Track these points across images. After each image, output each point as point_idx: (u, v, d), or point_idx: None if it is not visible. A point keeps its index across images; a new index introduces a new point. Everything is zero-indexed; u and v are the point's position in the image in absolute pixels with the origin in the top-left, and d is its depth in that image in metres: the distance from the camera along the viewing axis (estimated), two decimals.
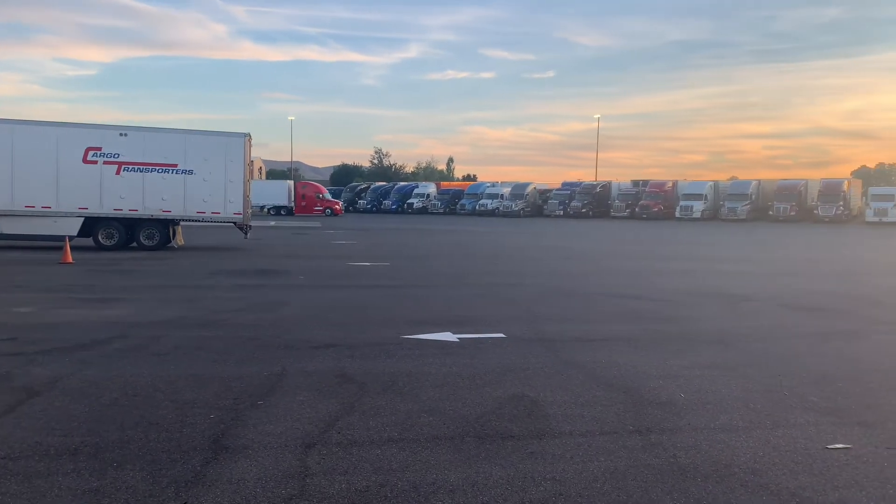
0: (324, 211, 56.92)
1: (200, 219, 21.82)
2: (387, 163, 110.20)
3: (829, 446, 4.92)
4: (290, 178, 73.31)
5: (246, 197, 21.88)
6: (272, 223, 42.56)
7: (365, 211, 68.83)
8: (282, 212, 58.35)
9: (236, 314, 10.10)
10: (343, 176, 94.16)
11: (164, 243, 21.69)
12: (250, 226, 22.70)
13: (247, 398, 5.87)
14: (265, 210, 58.41)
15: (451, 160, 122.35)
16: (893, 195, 50.46)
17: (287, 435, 5.00)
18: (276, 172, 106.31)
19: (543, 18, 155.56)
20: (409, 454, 4.66)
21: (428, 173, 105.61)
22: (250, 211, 22.88)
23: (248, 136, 22.10)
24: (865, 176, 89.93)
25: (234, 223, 22.04)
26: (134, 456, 4.54)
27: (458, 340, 8.34)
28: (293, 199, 58.28)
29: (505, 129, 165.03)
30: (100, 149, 20.74)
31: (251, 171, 23.20)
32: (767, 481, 4.30)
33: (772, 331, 9.45)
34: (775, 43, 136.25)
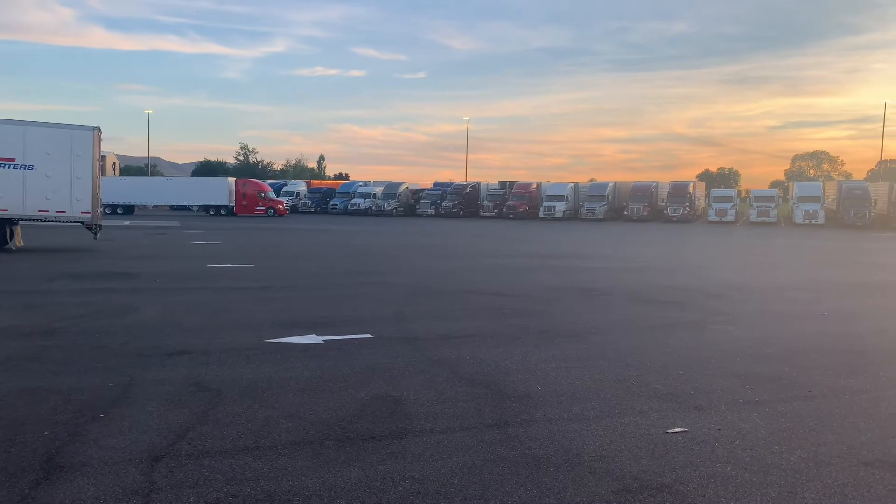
0: (266, 211, 53.31)
1: (43, 218, 20.05)
2: (253, 160, 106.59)
3: (668, 430, 5.28)
4: (155, 174, 68.18)
5: (95, 194, 20.35)
6: (127, 223, 39.89)
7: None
8: (221, 212, 54.20)
9: (80, 321, 9.35)
10: (206, 173, 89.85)
11: (1, 245, 19.72)
12: (100, 225, 21.14)
13: (88, 411, 5.43)
14: (199, 210, 54.79)
15: (322, 158, 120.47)
16: (732, 197, 55.39)
17: (132, 449, 4.68)
18: (132, 169, 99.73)
19: (414, 20, 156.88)
20: (265, 462, 4.51)
21: (298, 171, 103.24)
22: (100, 209, 21.31)
23: (97, 129, 20.57)
24: (708, 179, 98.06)
25: (82, 223, 20.45)
26: None
27: (322, 343, 8.19)
28: (234, 198, 54.48)
29: (376, 128, 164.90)
30: None
31: (102, 167, 21.57)
32: (613, 467, 4.54)
33: (623, 323, 10.04)
34: (630, 53, 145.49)
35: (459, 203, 59.21)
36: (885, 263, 21.12)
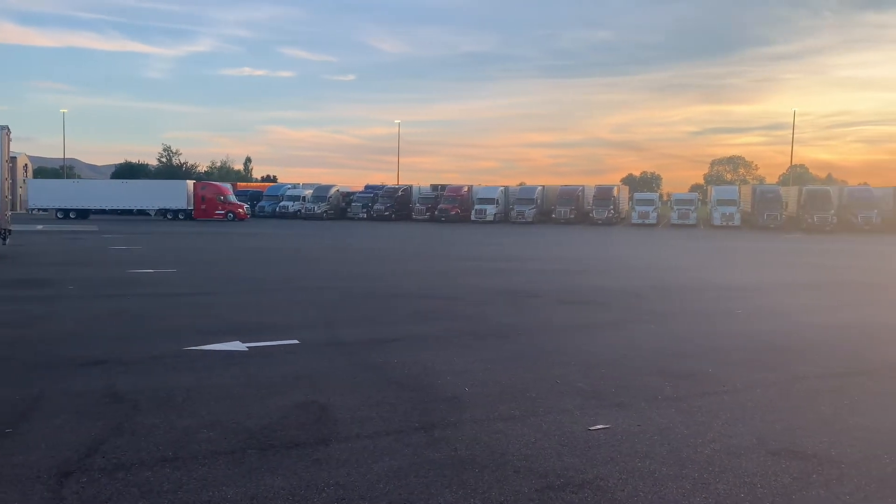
0: (226, 215, 50.81)
1: None
2: (177, 161, 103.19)
3: (591, 428, 5.41)
4: (72, 176, 64.55)
5: (5, 197, 19.27)
6: (40, 227, 37.90)
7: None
8: (180, 216, 51.68)
9: None
10: (126, 175, 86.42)
11: None
12: (10, 230, 20.02)
13: None
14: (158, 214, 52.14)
15: (248, 160, 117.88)
16: (654, 200, 57.25)
17: (40, 465, 4.44)
18: (46, 171, 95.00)
19: (343, 21, 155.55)
20: (183, 473, 4.36)
21: (223, 173, 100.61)
22: (9, 214, 20.19)
23: (5, 128, 19.48)
24: (632, 183, 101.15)
25: None
26: None
27: (246, 349, 8.00)
28: (192, 201, 51.89)
29: (306, 129, 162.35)
30: None
31: (11, 169, 20.43)
32: (537, 465, 4.62)
33: (550, 324, 10.24)
34: (557, 59, 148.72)
35: (391, 206, 59.01)
36: (796, 263, 22.28)
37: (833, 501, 4.17)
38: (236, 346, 8.16)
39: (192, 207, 51.60)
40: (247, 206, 54.09)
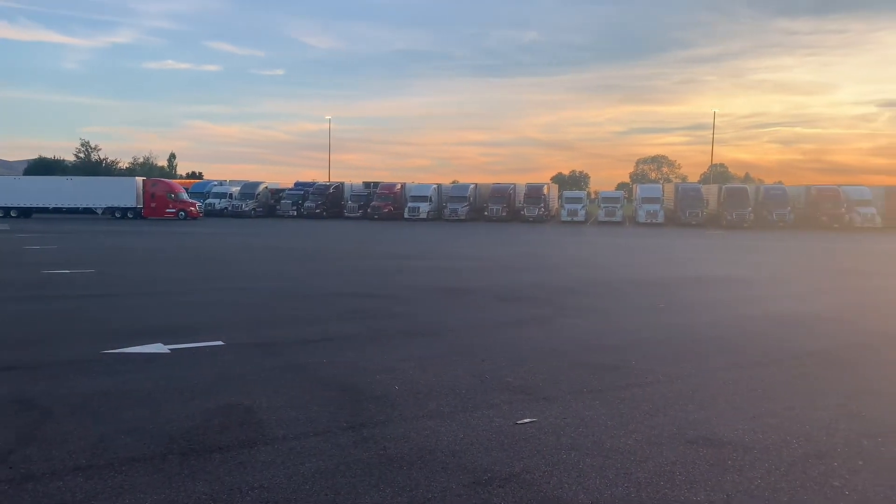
0: (177, 213, 48.57)
1: None
2: (96, 157, 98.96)
3: (518, 422, 5.48)
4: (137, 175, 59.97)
5: None
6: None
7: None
8: (128, 214, 49.14)
9: None
10: (41, 171, 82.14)
11: None
12: None
13: None
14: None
15: (172, 156, 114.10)
16: (582, 198, 58.65)
17: None
18: None
19: (270, 15, 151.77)
20: (98, 482, 4.18)
21: (146, 170, 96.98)
22: None
23: None
24: (561, 181, 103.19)
25: None
26: None
27: (168, 352, 7.73)
28: (142, 199, 49.31)
29: (233, 125, 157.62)
30: None
31: None
32: (465, 461, 4.65)
33: (482, 321, 10.33)
34: (487, 59, 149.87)
35: (322, 203, 58.28)
36: (716, 258, 23.21)
37: (746, 486, 4.36)
38: (158, 348, 7.88)
39: (141, 206, 49.64)
40: (200, 203, 52.39)
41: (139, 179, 52.21)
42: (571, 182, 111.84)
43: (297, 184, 63.63)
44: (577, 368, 7.28)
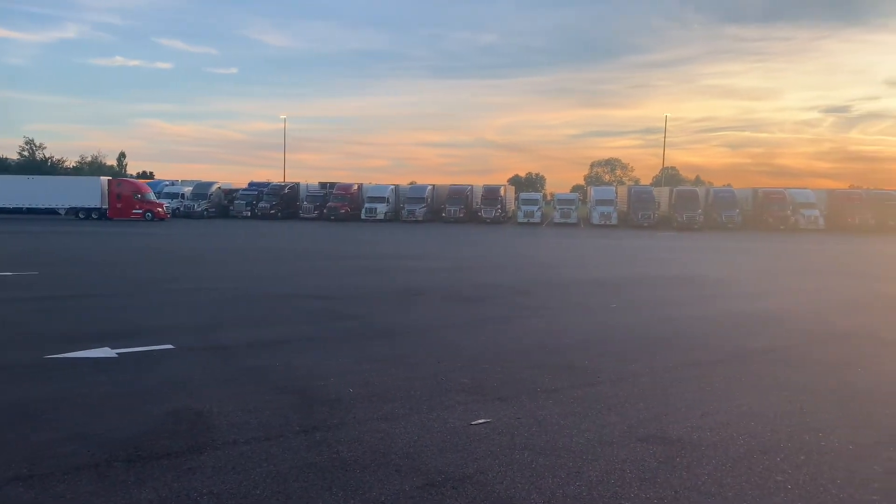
0: (144, 214, 46.63)
1: None
2: (41, 156, 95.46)
3: (472, 423, 5.50)
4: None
5: None
6: None
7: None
8: (93, 215, 47.04)
9: None
10: None
11: None
12: None
13: None
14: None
15: (122, 155, 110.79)
16: (538, 200, 59.18)
17: None
18: None
19: (224, 13, 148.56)
20: (39, 492, 4.05)
21: (94, 169, 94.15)
22: None
23: None
24: (518, 183, 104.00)
25: None
26: None
27: (116, 356, 7.53)
28: (107, 199, 47.28)
29: (186, 124, 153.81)
30: None
31: None
32: (419, 463, 4.64)
33: (438, 322, 10.33)
34: (445, 60, 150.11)
35: (277, 204, 57.48)
36: (667, 259, 23.69)
37: (694, 482, 4.46)
38: (105, 352, 7.66)
39: (106, 206, 47.91)
40: (167, 204, 50.98)
41: (104, 179, 50.53)
42: (528, 184, 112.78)
43: (251, 184, 62.58)
44: (531, 368, 7.35)
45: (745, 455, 4.97)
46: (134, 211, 47.38)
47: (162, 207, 48.74)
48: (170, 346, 8.09)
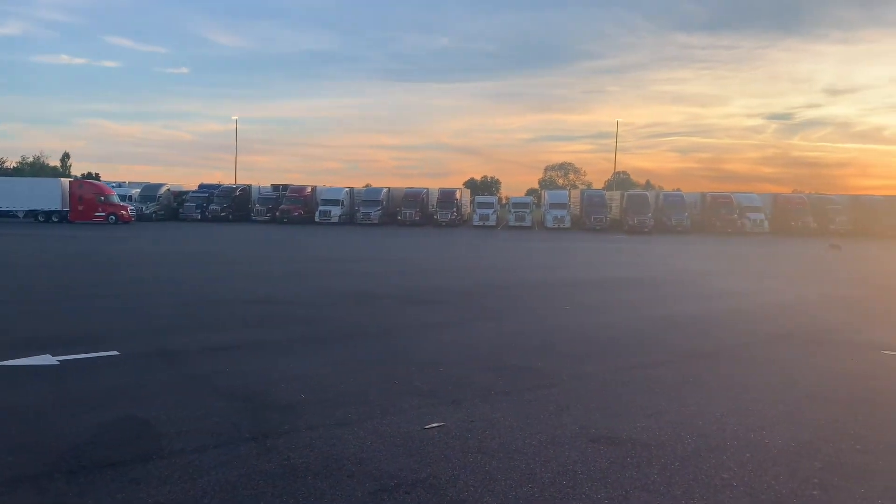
0: (107, 217, 44.73)
1: None
2: None
3: (426, 426, 5.49)
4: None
5: None
6: None
7: None
8: (53, 218, 44.83)
9: None
10: None
11: None
12: None
13: None
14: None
15: (66, 155, 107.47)
16: (493, 203, 59.60)
17: None
18: None
19: (173, 11, 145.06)
20: None
21: (36, 170, 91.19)
22: None
23: None
24: (473, 186, 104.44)
25: None
26: None
27: (57, 363, 7.27)
28: (68, 202, 45.13)
29: (133, 124, 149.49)
30: None
31: None
32: (371, 468, 4.61)
33: (394, 325, 10.28)
34: (398, 63, 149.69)
35: (228, 206, 56.50)
36: (619, 261, 24.11)
37: (643, 481, 4.54)
38: (46, 360, 7.39)
39: (67, 209, 46.08)
40: (131, 207, 49.35)
41: (65, 181, 48.65)
42: (483, 187, 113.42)
43: (201, 186, 61.35)
44: (485, 371, 7.37)
45: (693, 454, 5.07)
46: (96, 214, 45.89)
47: (126, 210, 47.27)
48: (115, 353, 7.85)
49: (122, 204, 47.93)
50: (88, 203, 46.21)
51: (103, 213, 46.02)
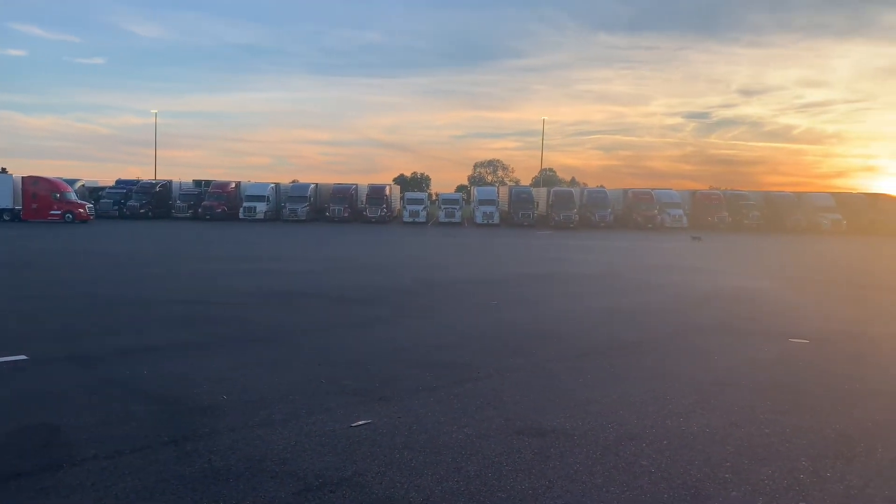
0: (63, 216, 41.37)
1: None
2: None
3: (353, 424, 5.44)
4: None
5: None
6: None
7: None
8: (4, 216, 41.18)
9: None
10: None
11: None
12: None
13: None
14: None
15: None
16: (423, 200, 59.56)
17: None
18: None
19: None
20: None
21: None
22: None
23: None
24: (403, 182, 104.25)
25: None
26: None
27: None
28: (20, 199, 41.54)
29: (44, 117, 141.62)
30: None
31: None
32: (296, 468, 4.53)
33: (320, 324, 10.14)
34: (327, 57, 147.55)
35: (148, 203, 54.35)
36: (545, 257, 24.56)
37: (566, 471, 4.64)
38: None
39: (20, 207, 42.89)
40: (90, 205, 46.28)
41: (17, 177, 45.27)
42: (413, 183, 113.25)
43: (118, 181, 58.83)
44: (413, 368, 7.37)
45: (614, 442, 5.22)
46: (52, 212, 42.96)
47: (84, 208, 44.39)
48: (22, 357, 7.44)
49: (79, 202, 45.15)
50: (43, 201, 43.35)
51: (59, 211, 43.23)
